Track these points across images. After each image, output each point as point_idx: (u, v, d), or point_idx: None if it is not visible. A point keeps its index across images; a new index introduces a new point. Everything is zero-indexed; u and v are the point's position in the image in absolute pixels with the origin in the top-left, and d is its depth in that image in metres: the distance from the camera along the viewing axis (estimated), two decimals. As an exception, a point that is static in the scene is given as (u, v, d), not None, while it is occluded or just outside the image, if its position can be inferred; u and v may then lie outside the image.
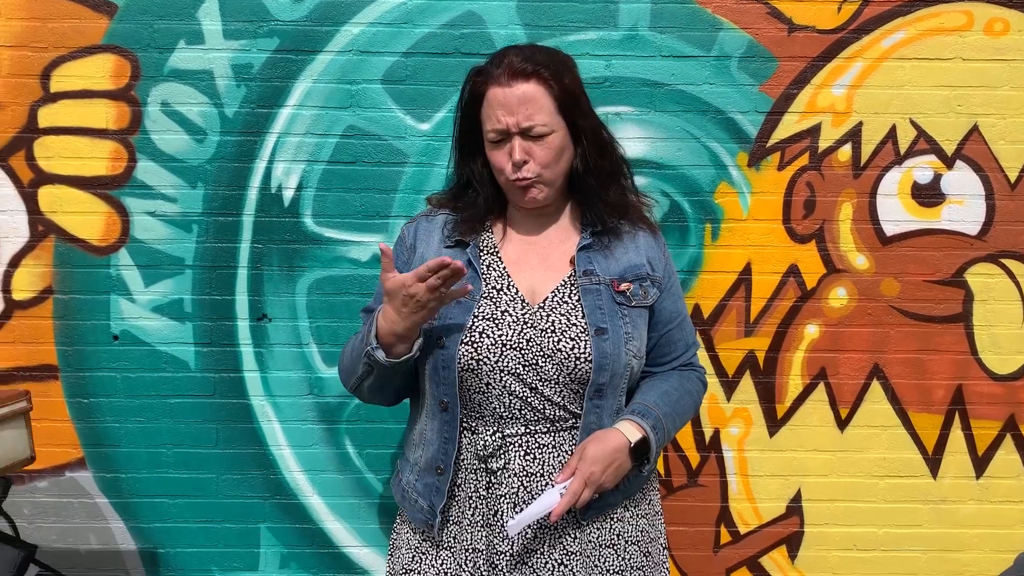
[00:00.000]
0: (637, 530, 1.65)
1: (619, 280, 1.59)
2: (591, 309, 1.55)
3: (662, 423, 1.57)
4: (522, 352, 1.53)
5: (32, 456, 1.64)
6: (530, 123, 1.52)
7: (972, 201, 2.47)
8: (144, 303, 2.46)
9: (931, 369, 2.51)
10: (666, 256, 1.69)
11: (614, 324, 1.55)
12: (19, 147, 2.42)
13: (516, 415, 1.56)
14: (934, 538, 2.54)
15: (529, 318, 1.55)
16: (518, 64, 1.52)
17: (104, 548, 2.53)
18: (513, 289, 1.58)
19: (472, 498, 1.59)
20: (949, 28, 2.42)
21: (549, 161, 1.54)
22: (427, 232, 1.65)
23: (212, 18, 2.39)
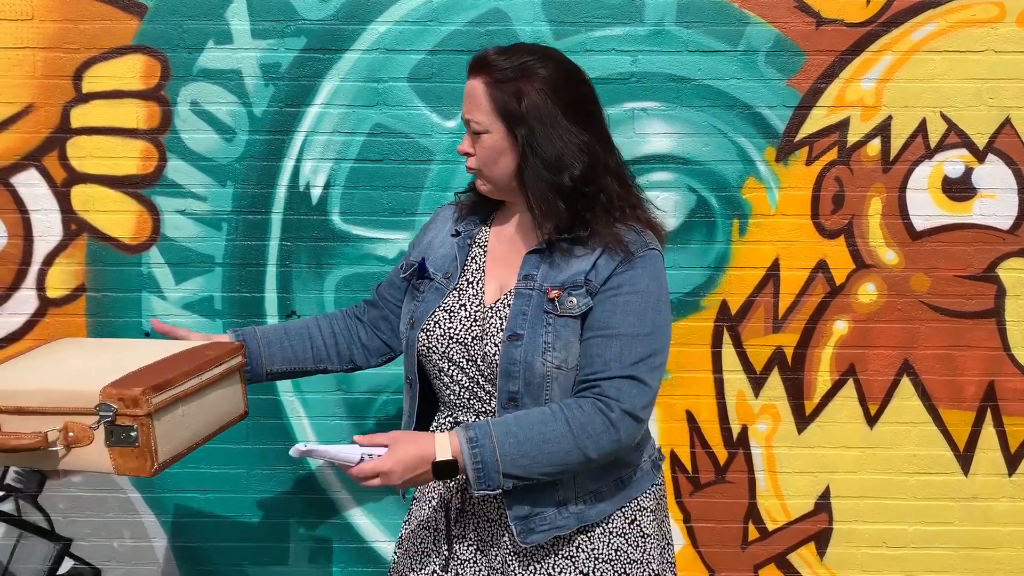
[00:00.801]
0: (610, 548, 1.58)
1: (553, 288, 1.52)
2: (515, 315, 1.53)
3: (494, 454, 1.43)
4: (467, 347, 1.56)
5: (246, 411, 1.61)
6: (468, 117, 1.55)
7: (1004, 195, 2.44)
8: (175, 300, 2.49)
9: (962, 365, 2.48)
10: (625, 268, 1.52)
11: (533, 331, 1.50)
12: (52, 147, 2.45)
13: (465, 404, 1.59)
14: (965, 535, 2.52)
15: (480, 316, 1.57)
16: (478, 59, 1.55)
17: (137, 543, 2.57)
18: (479, 285, 1.61)
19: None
20: (981, 20, 2.39)
21: (483, 160, 1.55)
22: (443, 219, 1.73)
23: (240, 18, 2.41)
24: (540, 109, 1.50)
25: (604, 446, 1.47)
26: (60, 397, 1.38)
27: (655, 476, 1.67)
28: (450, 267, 1.63)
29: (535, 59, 1.52)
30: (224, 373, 1.52)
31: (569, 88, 1.54)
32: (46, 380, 1.44)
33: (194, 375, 1.45)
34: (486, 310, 1.58)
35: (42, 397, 1.39)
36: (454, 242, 1.66)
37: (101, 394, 1.34)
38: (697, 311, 2.48)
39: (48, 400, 1.38)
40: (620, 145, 2.39)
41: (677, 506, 2.54)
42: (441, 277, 1.63)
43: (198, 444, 1.50)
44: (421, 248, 1.70)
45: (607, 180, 1.56)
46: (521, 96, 1.49)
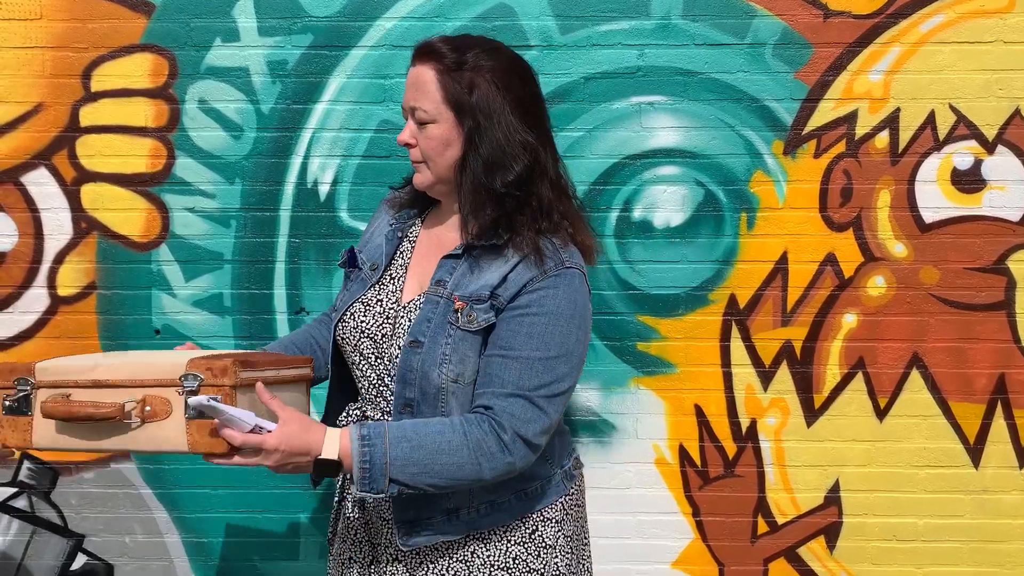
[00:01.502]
0: (507, 556, 1.55)
1: (460, 298, 1.48)
2: (420, 320, 1.49)
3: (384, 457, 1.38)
4: (376, 344, 1.55)
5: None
6: (414, 104, 1.49)
7: (1014, 187, 2.43)
8: (184, 298, 2.51)
9: (972, 358, 2.47)
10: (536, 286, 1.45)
11: (434, 340, 1.46)
12: (62, 146, 2.47)
13: (374, 400, 1.58)
14: (976, 529, 2.51)
15: (392, 315, 1.55)
16: (423, 47, 1.50)
17: (149, 538, 2.58)
18: (400, 282, 1.59)
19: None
20: (990, 10, 2.37)
21: (428, 151, 1.50)
22: (383, 212, 1.72)
23: (247, 15, 2.42)
24: (490, 102, 1.45)
25: (498, 467, 1.43)
26: (143, 369, 1.37)
27: (566, 487, 1.62)
28: (378, 259, 1.62)
29: (486, 51, 1.49)
30: (295, 378, 1.53)
31: (519, 84, 1.50)
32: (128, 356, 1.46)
33: (274, 367, 1.46)
34: (399, 309, 1.56)
35: (126, 370, 1.38)
36: (390, 235, 1.65)
37: (188, 364, 1.33)
38: (705, 305, 2.47)
39: (130, 372, 1.37)
40: (627, 139, 2.43)
41: (686, 500, 2.54)
42: (368, 268, 1.62)
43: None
44: (364, 238, 1.70)
45: (543, 186, 1.50)
46: (473, 87, 1.46)
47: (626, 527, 2.52)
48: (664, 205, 2.45)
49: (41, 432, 1.42)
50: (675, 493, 2.53)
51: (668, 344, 2.48)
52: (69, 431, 1.40)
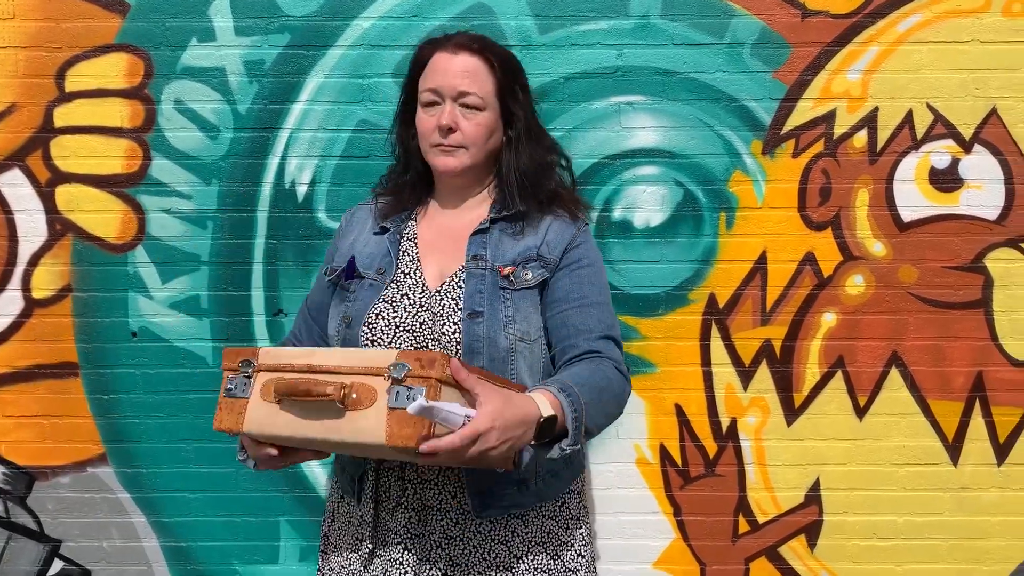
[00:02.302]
0: (543, 531, 1.61)
1: (505, 265, 1.58)
2: (470, 294, 1.56)
3: (581, 404, 1.41)
4: (414, 335, 1.55)
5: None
6: (466, 90, 1.56)
7: (991, 185, 2.44)
8: (161, 300, 2.48)
9: (950, 356, 2.48)
10: (578, 242, 1.63)
11: (492, 307, 1.54)
12: (36, 147, 2.44)
13: None
14: (955, 526, 2.52)
15: (425, 302, 1.57)
16: (466, 40, 1.60)
17: (127, 543, 2.56)
18: (418, 274, 1.62)
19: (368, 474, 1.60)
20: (966, 10, 2.39)
21: (476, 136, 1.59)
22: (361, 220, 1.72)
23: (223, 15, 2.40)
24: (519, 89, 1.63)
25: (627, 398, 1.57)
26: (356, 357, 1.39)
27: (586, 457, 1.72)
28: (382, 263, 1.63)
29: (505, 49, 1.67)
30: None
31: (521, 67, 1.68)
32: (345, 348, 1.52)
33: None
34: (432, 295, 1.58)
35: (339, 357, 1.41)
36: (383, 238, 1.66)
37: (398, 354, 1.34)
38: (685, 304, 2.47)
39: (344, 359, 1.39)
40: (607, 139, 2.43)
41: (667, 500, 2.54)
42: (374, 274, 1.62)
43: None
44: (343, 253, 1.69)
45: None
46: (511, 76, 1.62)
47: (607, 527, 2.52)
48: (644, 205, 2.45)
49: (253, 417, 1.44)
50: (656, 493, 2.53)
51: (648, 344, 2.48)
52: (277, 419, 1.41)
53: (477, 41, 1.61)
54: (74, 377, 2.50)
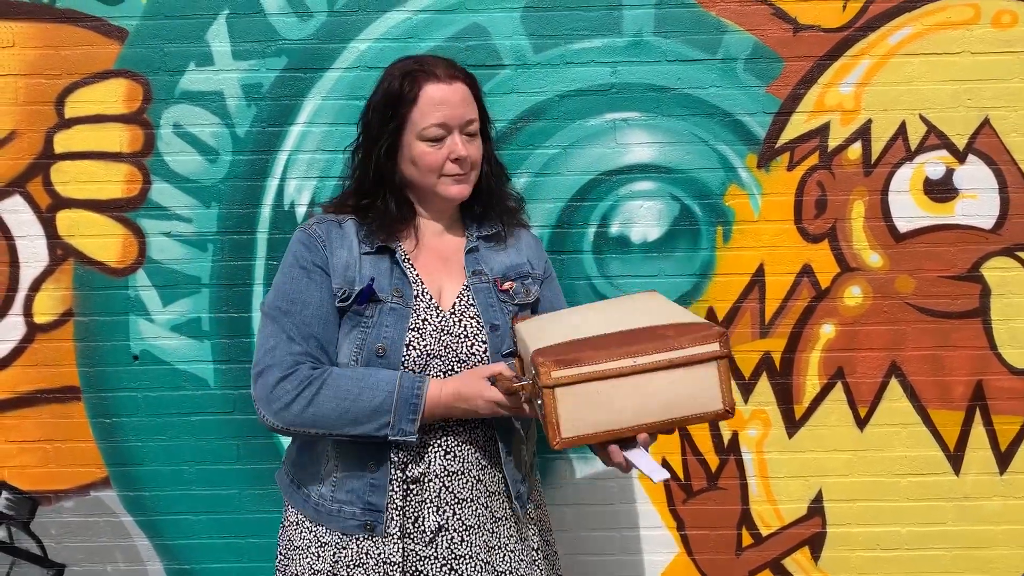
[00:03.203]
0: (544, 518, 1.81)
1: (502, 279, 1.67)
2: (485, 307, 1.63)
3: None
4: (442, 360, 1.58)
5: (727, 409, 1.37)
6: (471, 118, 1.61)
7: (985, 195, 2.45)
8: (162, 323, 2.49)
9: (950, 365, 2.49)
10: (544, 254, 1.83)
11: (504, 320, 1.63)
12: (36, 173, 2.46)
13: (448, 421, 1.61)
14: (958, 535, 2.52)
15: (443, 324, 1.59)
16: (450, 68, 1.62)
17: (131, 566, 2.56)
18: (428, 296, 1.62)
19: (388, 509, 1.58)
20: (956, 22, 2.41)
21: (478, 159, 1.66)
22: (340, 238, 1.64)
23: (221, 40, 2.43)
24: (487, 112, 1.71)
25: None
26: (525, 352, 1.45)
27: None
28: (398, 284, 1.59)
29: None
30: (680, 360, 1.36)
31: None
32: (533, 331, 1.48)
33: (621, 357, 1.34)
34: (447, 317, 1.59)
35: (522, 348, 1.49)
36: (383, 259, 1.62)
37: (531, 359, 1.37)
38: (684, 319, 2.48)
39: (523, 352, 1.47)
40: (602, 156, 2.45)
41: (670, 514, 2.54)
42: (393, 297, 1.58)
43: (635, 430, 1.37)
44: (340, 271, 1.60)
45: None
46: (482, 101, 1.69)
47: (611, 543, 2.52)
48: (641, 220, 2.46)
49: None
50: (659, 507, 2.53)
51: (648, 358, 2.48)
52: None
53: (456, 67, 1.65)
54: (76, 401, 2.51)
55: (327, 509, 1.62)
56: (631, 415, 1.35)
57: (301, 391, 1.52)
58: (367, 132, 1.65)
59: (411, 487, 1.58)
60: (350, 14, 2.42)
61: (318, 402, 1.52)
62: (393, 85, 1.60)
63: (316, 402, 1.52)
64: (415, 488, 1.58)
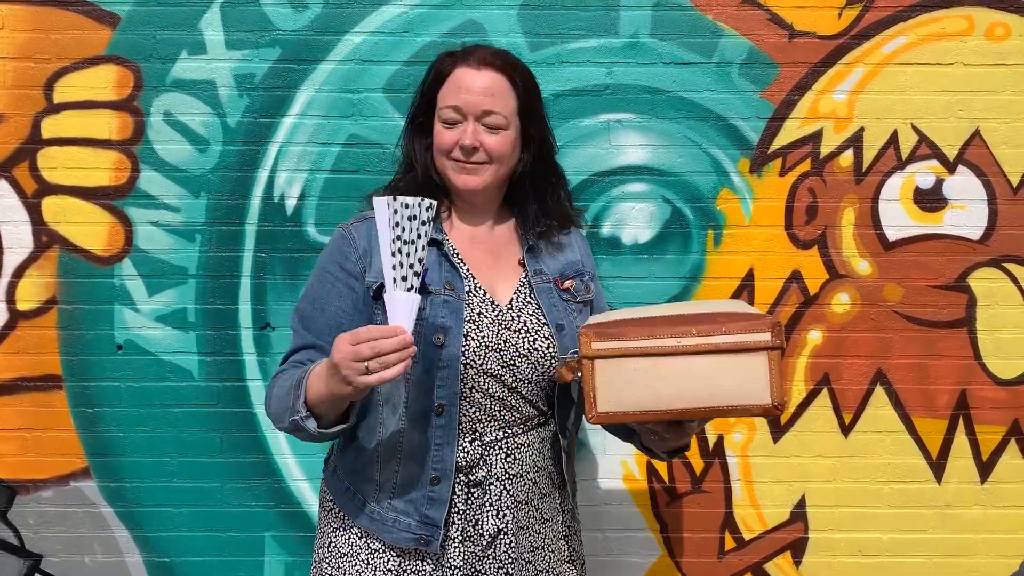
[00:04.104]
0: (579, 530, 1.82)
1: (562, 279, 1.64)
2: (549, 307, 1.60)
3: None
4: (501, 353, 1.54)
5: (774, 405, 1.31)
6: (490, 109, 1.54)
7: (974, 206, 2.47)
8: (148, 313, 2.47)
9: (935, 374, 2.50)
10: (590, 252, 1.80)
11: (568, 320, 1.60)
12: (22, 158, 2.43)
13: (495, 417, 1.56)
14: (939, 543, 2.54)
15: (501, 319, 1.56)
16: (490, 56, 1.57)
17: (109, 558, 2.53)
18: (481, 290, 1.58)
19: (450, 512, 1.55)
20: (950, 33, 2.42)
21: (499, 154, 1.57)
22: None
23: (214, 28, 2.40)
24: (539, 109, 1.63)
25: None
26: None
27: None
28: (448, 278, 1.56)
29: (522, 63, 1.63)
30: (728, 346, 1.32)
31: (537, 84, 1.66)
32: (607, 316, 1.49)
33: (665, 336, 1.32)
34: (504, 312, 1.57)
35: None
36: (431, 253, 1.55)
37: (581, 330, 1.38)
38: (673, 321, 2.48)
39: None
40: (595, 157, 2.45)
41: (654, 516, 2.54)
42: (445, 289, 1.54)
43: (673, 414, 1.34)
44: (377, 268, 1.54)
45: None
46: (532, 96, 1.61)
47: (595, 544, 2.52)
48: (632, 222, 2.46)
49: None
50: (643, 510, 2.53)
51: (636, 360, 2.48)
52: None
53: (500, 57, 1.58)
54: (58, 390, 2.48)
55: (382, 517, 1.57)
56: (671, 398, 1.33)
57: (269, 390, 1.57)
58: (410, 109, 1.66)
59: (473, 491, 1.56)
60: (345, 6, 2.40)
61: (270, 396, 1.56)
62: (435, 64, 1.62)
63: (269, 396, 1.56)
64: (476, 492, 1.56)
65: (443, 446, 1.54)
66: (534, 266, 1.63)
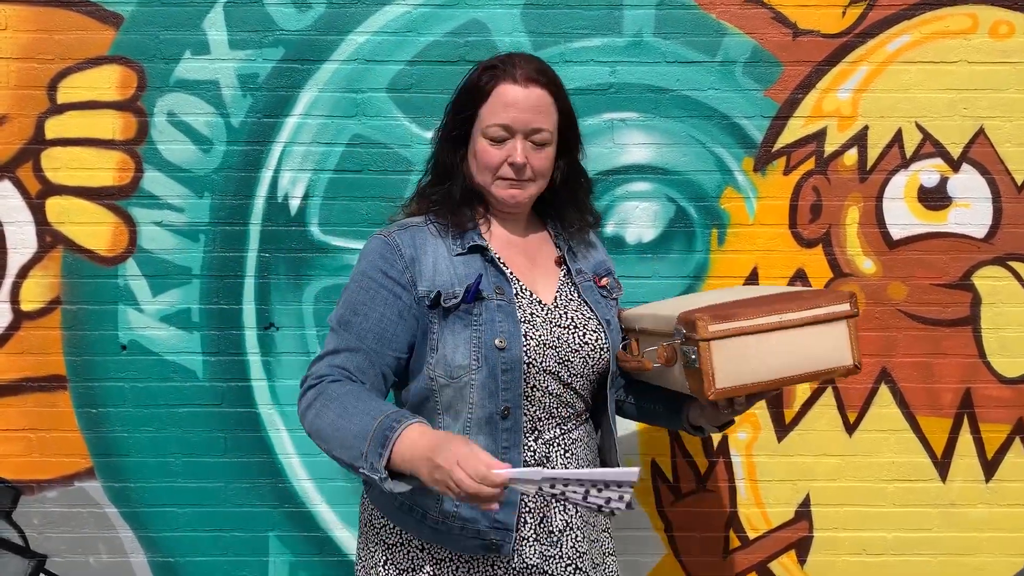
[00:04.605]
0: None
1: (598, 277, 1.70)
2: (595, 303, 1.64)
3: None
4: (557, 350, 1.56)
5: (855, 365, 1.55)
6: (539, 127, 1.55)
7: (979, 204, 2.47)
8: (152, 313, 2.47)
9: (939, 373, 2.50)
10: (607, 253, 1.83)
11: (612, 316, 1.67)
12: (26, 158, 2.43)
13: (552, 414, 1.58)
14: (944, 542, 2.53)
15: (550, 317, 1.58)
16: (533, 71, 1.56)
17: (113, 558, 2.53)
18: (527, 291, 1.59)
19: (521, 513, 1.55)
20: (954, 31, 2.42)
21: (544, 169, 1.59)
22: (424, 242, 1.58)
23: (218, 28, 2.40)
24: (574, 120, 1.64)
25: None
26: (655, 321, 1.59)
27: None
28: (496, 282, 1.56)
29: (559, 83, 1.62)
30: (819, 317, 1.52)
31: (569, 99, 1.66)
32: (658, 308, 1.65)
33: (768, 314, 1.49)
34: (552, 310, 1.59)
35: (651, 321, 1.61)
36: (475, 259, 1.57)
37: (677, 319, 1.49)
38: (677, 320, 2.48)
39: (652, 323, 1.60)
40: (599, 155, 2.44)
41: (659, 515, 2.54)
42: (495, 294, 1.54)
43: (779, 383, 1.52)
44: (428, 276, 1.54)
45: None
46: (570, 109, 1.62)
47: (598, 543, 2.52)
48: (636, 221, 2.46)
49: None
50: (648, 509, 2.53)
51: (640, 359, 2.48)
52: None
53: (542, 73, 1.56)
54: (62, 390, 2.48)
55: (447, 527, 1.54)
56: (776, 368, 1.50)
57: (315, 400, 1.48)
58: (444, 119, 1.64)
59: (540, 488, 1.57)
60: (349, 6, 2.40)
61: (323, 415, 1.46)
62: (474, 77, 1.59)
63: (321, 415, 1.46)
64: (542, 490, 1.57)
65: (510, 448, 1.53)
66: (575, 266, 1.67)
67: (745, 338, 1.47)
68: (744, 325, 1.47)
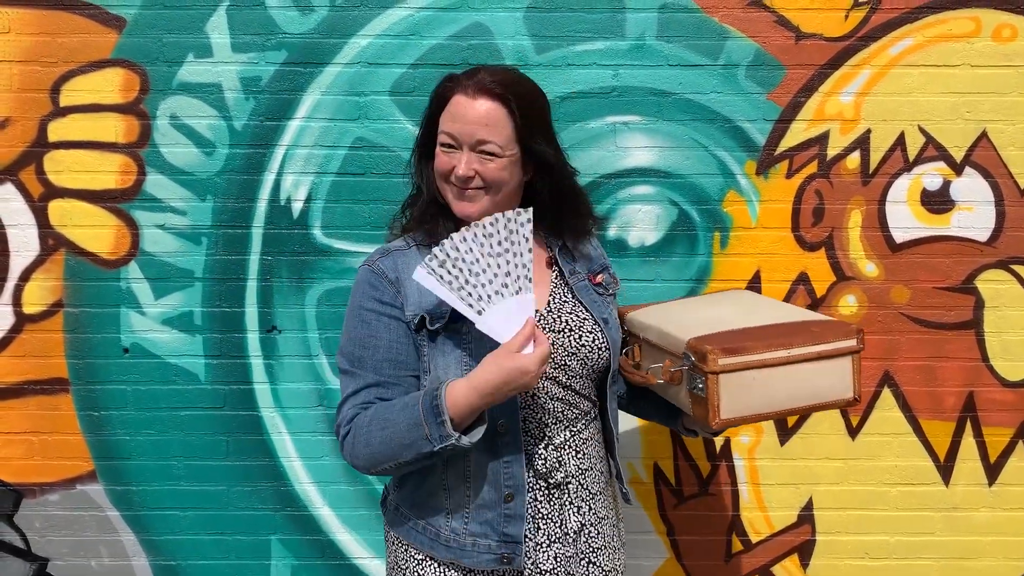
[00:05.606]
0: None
1: (593, 274, 1.69)
2: (591, 303, 1.63)
3: None
4: (552, 357, 1.55)
5: (856, 398, 1.58)
6: (484, 139, 1.51)
7: (981, 207, 2.46)
8: (154, 316, 2.47)
9: (942, 376, 2.50)
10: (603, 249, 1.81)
11: (609, 313, 1.66)
12: (29, 161, 2.43)
13: (559, 418, 1.58)
14: (947, 546, 2.53)
15: (543, 323, 1.58)
16: (488, 82, 1.52)
17: (115, 561, 2.53)
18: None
19: (535, 519, 1.57)
20: (957, 35, 2.42)
21: (498, 180, 1.53)
22: (407, 265, 1.57)
23: (221, 31, 2.40)
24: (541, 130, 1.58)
25: None
26: (662, 338, 1.61)
27: None
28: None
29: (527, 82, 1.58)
30: (825, 353, 1.53)
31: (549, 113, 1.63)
32: (664, 321, 1.65)
33: (778, 348, 1.50)
34: (544, 315, 1.59)
35: (656, 335, 1.63)
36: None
37: (686, 344, 1.52)
38: (679, 324, 2.48)
39: (658, 339, 1.62)
40: (602, 159, 2.44)
41: (661, 518, 2.54)
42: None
43: (780, 414, 1.55)
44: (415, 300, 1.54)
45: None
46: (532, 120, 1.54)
47: (601, 547, 2.51)
48: (639, 224, 2.46)
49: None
50: (650, 512, 2.53)
51: (643, 363, 2.48)
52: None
53: (499, 83, 1.52)
54: (65, 393, 2.48)
55: (459, 544, 1.55)
56: (778, 401, 1.52)
57: (355, 440, 1.51)
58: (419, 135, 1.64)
59: (553, 492, 1.58)
60: (351, 9, 2.40)
61: (370, 439, 1.49)
62: (438, 86, 1.59)
63: (369, 440, 1.49)
64: (557, 493, 1.59)
65: (512, 463, 1.54)
66: (569, 267, 1.66)
67: (752, 371, 1.49)
68: (752, 360, 1.49)
